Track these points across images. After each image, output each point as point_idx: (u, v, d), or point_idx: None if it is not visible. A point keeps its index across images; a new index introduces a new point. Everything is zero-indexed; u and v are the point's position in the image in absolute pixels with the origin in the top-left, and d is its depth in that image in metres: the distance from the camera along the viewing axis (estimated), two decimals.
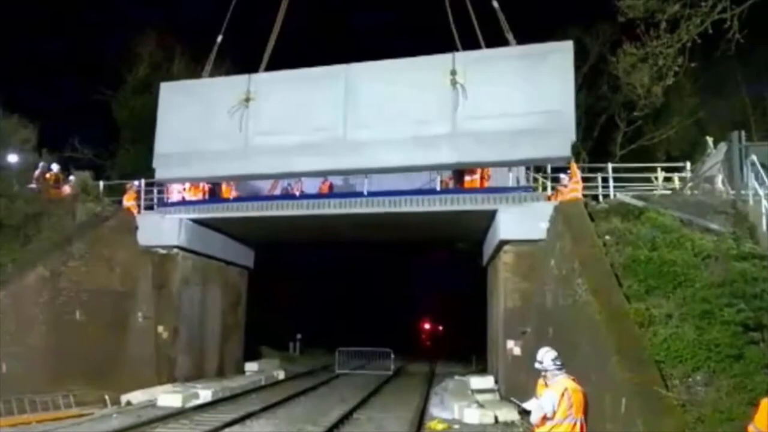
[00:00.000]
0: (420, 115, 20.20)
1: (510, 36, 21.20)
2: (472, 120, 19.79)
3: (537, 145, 19.10)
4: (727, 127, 23.17)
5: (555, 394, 7.31)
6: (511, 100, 19.46)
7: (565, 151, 19.04)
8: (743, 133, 17.00)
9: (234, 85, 22.54)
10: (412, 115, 20.26)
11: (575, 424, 7.29)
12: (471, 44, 21.43)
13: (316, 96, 21.35)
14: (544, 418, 7.30)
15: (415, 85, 20.44)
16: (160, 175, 22.96)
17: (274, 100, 21.65)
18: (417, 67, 20.80)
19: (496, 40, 21.35)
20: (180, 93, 23.43)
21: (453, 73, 20.08)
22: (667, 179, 22.29)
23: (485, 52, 20.93)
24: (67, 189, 23.81)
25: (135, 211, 23.18)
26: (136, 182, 24.29)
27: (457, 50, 21.01)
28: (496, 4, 21.62)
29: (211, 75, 24.68)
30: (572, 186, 19.42)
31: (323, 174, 21.96)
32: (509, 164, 20.46)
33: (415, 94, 20.37)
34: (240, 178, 22.64)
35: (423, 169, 21.07)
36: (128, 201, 23.32)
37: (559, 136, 18.98)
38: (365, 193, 22.05)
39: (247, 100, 21.84)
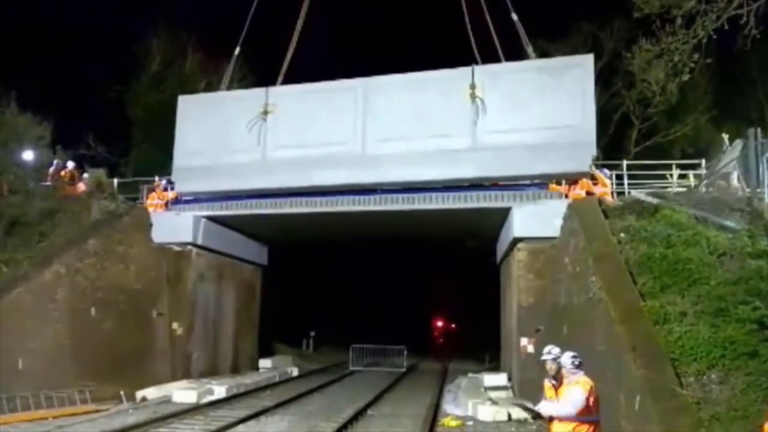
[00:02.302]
0: (439, 130, 20.32)
1: (529, 49, 21.35)
2: (492, 134, 19.91)
3: (557, 159, 19.16)
4: (743, 124, 23.05)
5: (583, 390, 7.25)
6: (531, 114, 19.55)
7: (585, 165, 19.09)
8: (759, 130, 16.87)
9: (252, 98, 22.81)
10: (431, 129, 20.38)
11: (595, 421, 7.27)
12: (489, 54, 21.54)
13: (334, 109, 21.56)
14: (580, 412, 7.21)
15: (434, 98, 20.59)
16: (179, 188, 23.35)
17: (292, 114, 21.88)
18: (436, 81, 20.93)
19: (513, 47, 21.45)
20: (198, 106, 23.74)
21: (472, 86, 20.17)
22: (682, 176, 22.15)
23: (504, 66, 21.04)
24: (82, 186, 23.95)
25: (162, 208, 23.37)
26: (163, 181, 24.42)
27: (477, 64, 21.07)
28: (515, 17, 21.67)
29: (231, 79, 24.87)
30: (602, 191, 19.33)
31: (342, 188, 21.78)
32: (529, 179, 20.26)
33: (433, 107, 20.51)
34: (259, 192, 22.65)
35: (442, 184, 20.85)
36: (155, 199, 23.51)
37: (579, 151, 19.02)
38: (378, 190, 22.06)
39: (265, 113, 22.07)
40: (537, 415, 7.79)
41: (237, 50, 24.81)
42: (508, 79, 20.47)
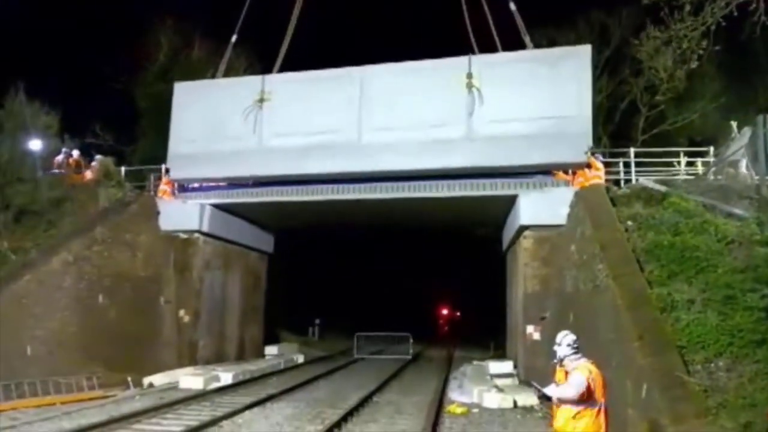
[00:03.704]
0: (435, 119, 20.32)
1: (527, 39, 21.36)
2: (488, 124, 19.94)
3: (553, 149, 19.24)
4: (751, 111, 22.90)
5: (582, 376, 7.24)
6: (527, 104, 19.58)
7: (581, 156, 19.12)
8: None
9: (248, 85, 22.81)
10: (427, 118, 20.39)
11: (599, 408, 7.24)
12: (487, 45, 21.52)
13: (330, 98, 21.49)
14: (581, 396, 7.18)
15: (431, 87, 20.58)
16: (174, 174, 23.31)
17: (288, 102, 21.85)
18: (432, 70, 20.94)
19: (511, 37, 21.41)
20: (194, 93, 23.70)
21: (469, 76, 20.21)
22: (690, 164, 22.07)
23: (501, 56, 21.07)
24: (89, 174, 23.98)
25: (169, 196, 23.42)
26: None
27: (473, 53, 21.05)
28: (513, 6, 21.65)
29: (230, 65, 24.83)
30: (594, 174, 19.26)
31: (337, 177, 21.81)
32: (524, 169, 20.24)
33: (430, 97, 20.51)
34: (254, 179, 22.77)
35: (438, 173, 20.88)
36: (165, 185, 23.55)
37: (575, 141, 19.08)
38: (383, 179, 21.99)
39: (261, 101, 22.03)
40: (543, 397, 7.76)
41: (234, 38, 24.82)
42: (505, 68, 20.46)
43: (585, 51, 20.22)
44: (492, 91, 20.03)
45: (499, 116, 19.76)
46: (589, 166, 19.44)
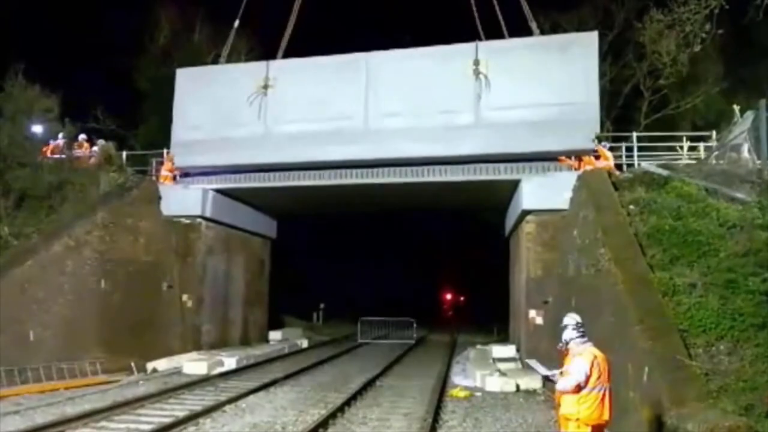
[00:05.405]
0: (442, 106, 20.32)
1: (533, 25, 21.41)
2: (495, 110, 19.98)
3: (560, 136, 19.27)
4: (754, 96, 22.79)
5: (586, 362, 7.23)
6: (535, 90, 19.60)
7: (588, 142, 19.18)
8: None
9: (252, 71, 22.70)
10: (435, 105, 20.39)
11: (603, 392, 7.24)
12: (493, 31, 21.51)
13: (337, 84, 21.43)
14: (578, 387, 7.19)
15: (438, 74, 20.57)
16: (179, 162, 23.32)
17: (293, 88, 21.79)
18: (439, 56, 20.94)
19: (518, 23, 21.42)
20: (197, 79, 23.64)
21: (476, 62, 20.21)
22: (693, 148, 22.00)
23: (508, 42, 21.10)
24: (92, 159, 23.90)
25: (171, 181, 23.42)
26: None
27: (480, 40, 21.00)
28: None
29: (231, 49, 24.76)
30: (604, 164, 19.21)
31: (344, 164, 21.78)
32: (532, 156, 20.20)
33: (437, 83, 20.50)
34: (259, 167, 22.66)
35: (445, 160, 20.85)
36: (167, 171, 23.54)
37: (582, 128, 19.11)
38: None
39: (266, 87, 21.91)
40: (547, 378, 7.76)
41: (236, 23, 24.70)
42: (512, 55, 20.47)
43: (592, 38, 20.24)
44: (499, 78, 20.04)
45: (506, 103, 19.77)
46: (595, 152, 19.43)
